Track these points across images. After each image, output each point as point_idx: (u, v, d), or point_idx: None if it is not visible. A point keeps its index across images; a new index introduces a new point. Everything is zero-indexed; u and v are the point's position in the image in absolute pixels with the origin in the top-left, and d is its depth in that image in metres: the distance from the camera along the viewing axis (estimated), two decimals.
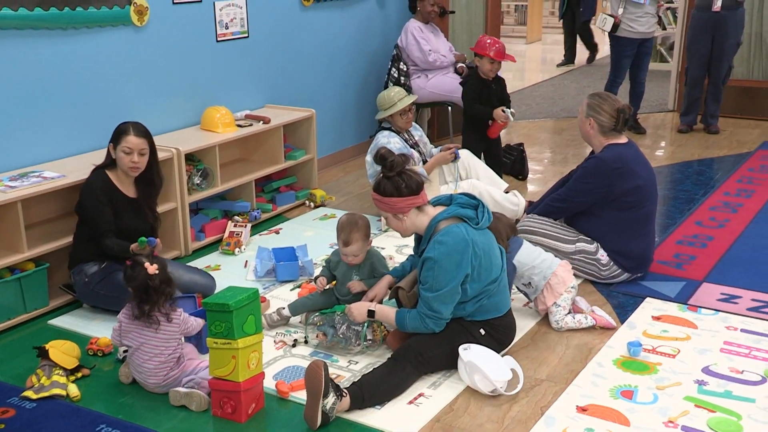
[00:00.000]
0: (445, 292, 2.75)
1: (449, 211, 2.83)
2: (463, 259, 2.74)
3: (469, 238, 2.75)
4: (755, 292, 3.50)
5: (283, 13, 5.04)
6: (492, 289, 2.86)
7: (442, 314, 2.80)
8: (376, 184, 2.88)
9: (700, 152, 5.87)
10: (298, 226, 4.53)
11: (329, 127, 5.58)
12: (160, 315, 2.75)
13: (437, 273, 2.74)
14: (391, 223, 2.92)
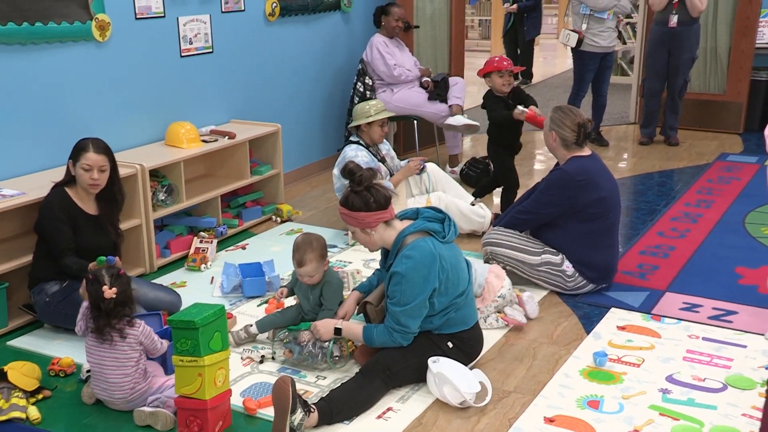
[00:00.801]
0: (412, 307, 2.76)
1: (416, 225, 2.83)
2: (431, 273, 2.74)
3: (436, 252, 2.76)
4: (716, 300, 3.56)
5: (248, 28, 5.03)
6: (459, 302, 2.87)
7: (410, 328, 2.80)
8: (343, 198, 2.88)
9: (661, 164, 5.97)
10: (264, 241, 4.51)
11: (295, 142, 5.57)
12: (114, 331, 2.70)
13: (405, 287, 2.75)
14: (358, 237, 2.92)
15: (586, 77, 6.41)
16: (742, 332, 3.26)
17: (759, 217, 4.65)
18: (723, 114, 6.82)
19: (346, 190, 2.88)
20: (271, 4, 5.15)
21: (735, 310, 3.45)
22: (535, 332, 3.34)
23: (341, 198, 2.90)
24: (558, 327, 3.38)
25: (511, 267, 3.68)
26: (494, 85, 4.67)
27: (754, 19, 6.50)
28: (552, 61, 12.64)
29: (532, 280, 3.70)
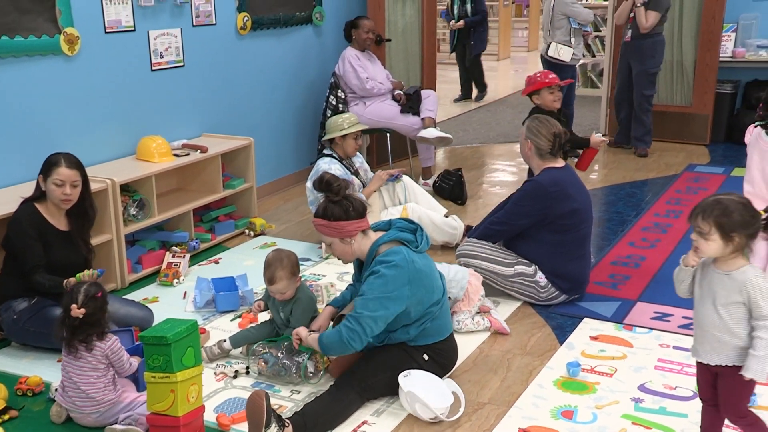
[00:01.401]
0: (373, 297, 2.72)
1: (389, 235, 2.85)
2: (407, 275, 2.75)
3: (410, 258, 2.77)
4: (686, 309, 3.60)
5: (220, 42, 5.02)
6: (435, 311, 2.88)
7: (361, 315, 2.72)
8: (321, 209, 2.86)
9: (631, 175, 6.05)
10: (238, 255, 4.48)
11: (268, 155, 5.56)
12: (79, 344, 2.67)
13: (374, 282, 2.73)
14: (336, 248, 2.90)
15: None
16: None
17: None
18: (690, 126, 6.94)
19: (324, 201, 2.87)
20: (243, 17, 5.14)
21: None
22: (509, 343, 3.36)
23: (318, 209, 2.89)
24: (532, 338, 3.40)
25: (485, 278, 3.69)
26: (544, 102, 4.44)
27: (717, 34, 6.64)
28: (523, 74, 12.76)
29: (505, 291, 3.72)
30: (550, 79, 4.45)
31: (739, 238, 2.19)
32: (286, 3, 5.54)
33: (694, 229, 2.24)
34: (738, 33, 6.95)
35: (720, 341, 2.26)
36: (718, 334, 2.26)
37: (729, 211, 2.19)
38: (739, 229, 2.18)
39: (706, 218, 2.20)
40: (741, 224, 2.18)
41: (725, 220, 2.18)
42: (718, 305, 2.25)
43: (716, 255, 2.23)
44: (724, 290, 2.24)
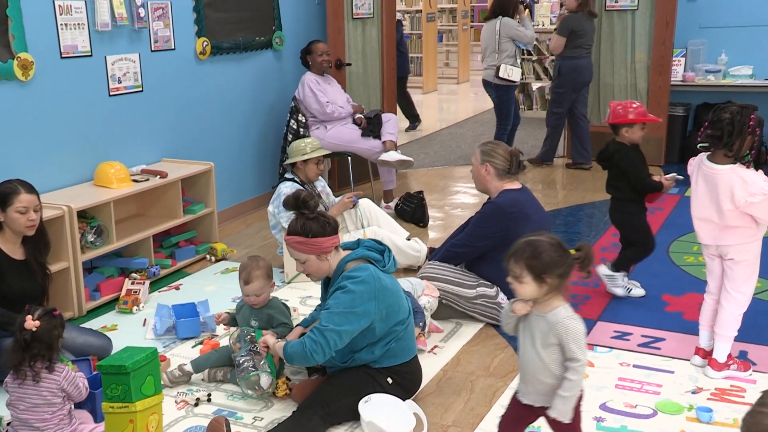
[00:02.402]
0: (339, 311, 2.73)
1: (357, 253, 2.88)
2: (374, 292, 2.76)
3: (376, 274, 2.80)
4: (645, 328, 3.67)
5: (179, 67, 5.00)
6: (400, 331, 2.89)
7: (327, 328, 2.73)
8: (299, 226, 2.85)
9: (590, 196, 6.15)
10: (199, 281, 4.44)
11: (229, 180, 5.53)
12: (29, 370, 2.59)
13: (340, 297, 2.75)
14: (312, 266, 2.88)
15: (511, 110, 6.92)
16: (670, 358, 3.36)
17: (682, 246, 4.83)
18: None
19: (300, 218, 2.86)
20: (202, 42, 5.14)
21: (662, 337, 3.56)
22: (473, 365, 3.37)
23: (294, 227, 2.87)
24: (495, 359, 3.42)
25: (447, 300, 3.71)
26: (633, 138, 3.95)
27: (668, 59, 6.83)
28: (483, 97, 12.94)
29: (468, 313, 3.74)
30: (651, 117, 4.08)
31: (551, 279, 2.17)
32: (246, 28, 5.55)
33: (509, 273, 2.23)
34: (687, 58, 7.17)
35: (542, 383, 2.24)
36: (539, 375, 2.24)
37: (538, 252, 2.17)
38: (550, 269, 2.16)
39: (518, 261, 2.20)
40: (551, 265, 2.16)
41: (535, 262, 2.16)
42: (537, 346, 2.22)
43: (532, 297, 2.21)
44: (540, 332, 2.22)
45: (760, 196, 2.87)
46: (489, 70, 6.79)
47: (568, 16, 6.71)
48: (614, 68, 7.12)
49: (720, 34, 7.09)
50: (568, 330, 2.18)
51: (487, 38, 6.78)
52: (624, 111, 3.93)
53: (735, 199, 2.90)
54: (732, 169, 2.93)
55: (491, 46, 6.73)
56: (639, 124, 3.94)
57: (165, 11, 4.81)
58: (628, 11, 6.95)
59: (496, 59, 6.72)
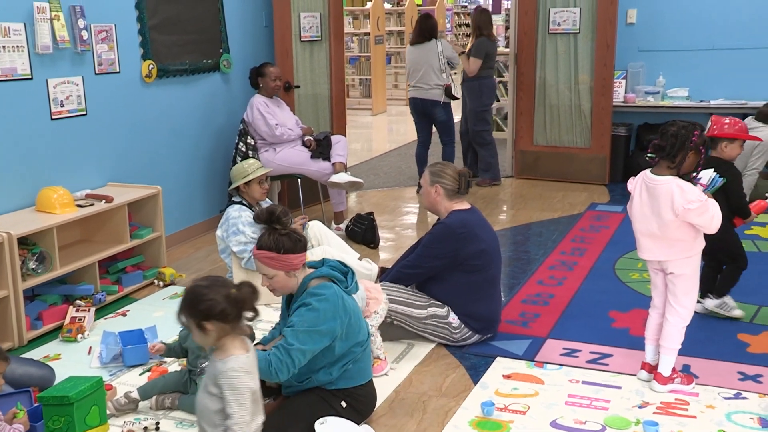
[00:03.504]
0: (304, 330, 2.72)
1: (321, 271, 2.89)
2: (333, 309, 2.76)
3: (339, 293, 2.81)
4: (593, 344, 3.73)
5: (124, 90, 4.93)
6: (358, 353, 2.89)
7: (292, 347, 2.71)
8: (272, 242, 2.81)
9: (537, 215, 6.25)
10: (146, 306, 4.35)
11: (177, 204, 5.45)
12: None
13: (304, 314, 2.74)
14: (279, 281, 2.86)
15: (454, 125, 7.12)
16: (617, 374, 3.42)
17: (627, 263, 4.94)
18: (589, 166, 7.27)
19: (271, 233, 2.83)
20: (148, 65, 5.08)
21: (610, 353, 3.62)
22: (425, 385, 3.37)
23: (265, 242, 2.83)
24: (446, 379, 3.43)
25: (399, 321, 3.71)
26: (732, 154, 3.89)
27: (610, 80, 7.03)
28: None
29: (419, 333, 3.75)
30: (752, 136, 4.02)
31: (211, 326, 2.19)
32: (193, 51, 5.51)
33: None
34: (628, 80, 7.38)
35: (203, 429, 2.24)
36: (201, 421, 2.23)
37: (196, 300, 2.20)
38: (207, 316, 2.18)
39: (182, 311, 2.22)
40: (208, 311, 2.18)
41: (193, 311, 2.19)
42: (203, 391, 2.23)
43: (204, 345, 2.24)
44: (209, 377, 2.23)
45: (697, 203, 2.99)
46: (436, 90, 6.88)
47: (482, 40, 7.08)
48: (559, 89, 7.29)
49: (657, 58, 7.34)
50: (230, 383, 2.17)
51: (429, 59, 6.87)
52: (728, 126, 3.88)
53: (674, 206, 3.01)
54: (672, 179, 3.05)
55: (435, 66, 6.85)
56: (739, 141, 3.87)
57: (109, 34, 4.75)
58: (570, 34, 7.13)
59: (443, 79, 6.85)
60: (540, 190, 7.08)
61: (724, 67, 7.11)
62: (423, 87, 6.89)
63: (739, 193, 3.86)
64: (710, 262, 4.00)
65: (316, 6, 6.37)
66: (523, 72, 7.39)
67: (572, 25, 7.10)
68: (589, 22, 7.02)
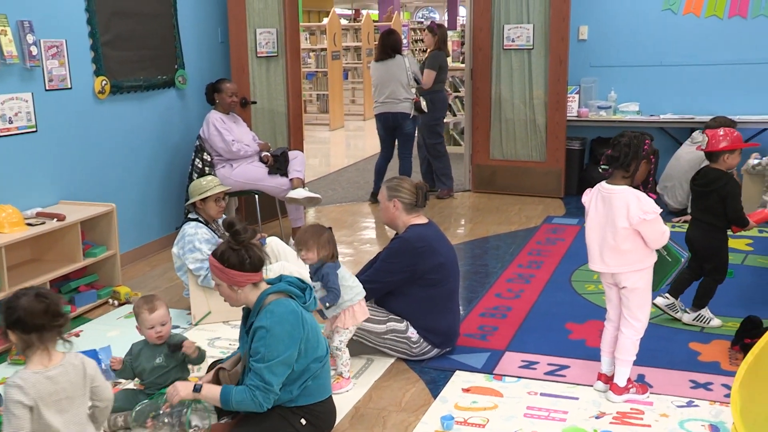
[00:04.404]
0: (277, 362, 2.72)
1: (278, 287, 2.87)
2: (295, 329, 2.75)
3: (298, 309, 2.79)
4: (550, 356, 3.77)
5: (76, 106, 4.85)
6: (317, 369, 2.87)
7: (273, 386, 2.74)
8: (220, 252, 2.84)
9: (495, 228, 6.31)
10: (101, 326, 4.27)
11: (132, 221, 5.37)
12: None
13: (270, 342, 2.72)
14: (223, 291, 2.89)
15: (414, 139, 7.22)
16: (575, 385, 3.46)
17: (583, 275, 5.01)
18: (545, 180, 7.38)
19: (225, 244, 2.85)
20: (101, 81, 5.01)
21: (567, 365, 3.66)
22: (384, 400, 3.36)
23: (216, 251, 2.86)
24: (406, 394, 3.43)
25: (358, 336, 3.70)
26: (732, 163, 3.94)
27: (563, 95, 7.16)
28: None
29: (378, 348, 3.74)
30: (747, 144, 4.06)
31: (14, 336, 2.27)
32: (148, 67, 5.45)
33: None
34: (581, 95, 7.53)
35: None
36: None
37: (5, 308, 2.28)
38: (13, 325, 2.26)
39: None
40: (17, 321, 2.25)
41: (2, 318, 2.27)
42: None
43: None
44: None
45: (653, 214, 3.06)
46: (405, 103, 6.96)
47: (436, 53, 7.22)
48: (514, 104, 7.39)
49: (609, 73, 7.51)
50: (5, 396, 2.22)
51: (397, 75, 6.94)
52: (724, 138, 3.89)
53: (630, 215, 3.08)
54: (629, 189, 3.13)
55: (403, 82, 6.93)
56: (738, 150, 3.91)
57: (60, 49, 4.67)
58: (524, 50, 7.25)
59: (412, 93, 6.97)
60: (497, 204, 7.15)
61: (672, 83, 7.31)
62: (392, 102, 6.95)
63: (736, 204, 3.91)
64: (691, 264, 4.08)
65: (272, 22, 6.37)
66: (478, 87, 7.49)
67: (526, 41, 7.22)
68: (543, 39, 7.15)
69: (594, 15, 7.44)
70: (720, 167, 3.95)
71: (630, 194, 3.11)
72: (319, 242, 3.46)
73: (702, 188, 4.02)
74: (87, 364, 2.38)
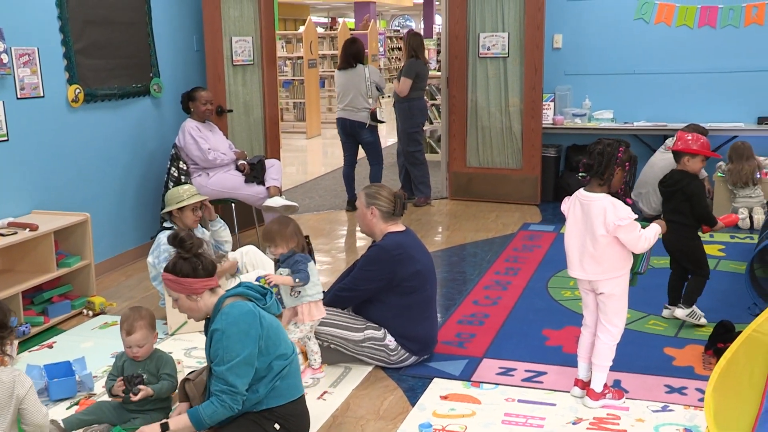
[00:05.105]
0: (238, 362, 2.70)
1: (235, 290, 2.87)
2: (251, 327, 2.74)
3: (255, 310, 2.78)
4: (528, 363, 3.78)
5: (49, 115, 4.80)
6: (282, 367, 2.83)
7: (238, 388, 2.72)
8: (171, 264, 2.85)
9: (472, 235, 6.34)
10: (75, 337, 4.22)
11: (107, 231, 5.32)
12: None
13: (226, 343, 2.71)
14: (183, 304, 2.87)
15: (380, 146, 7.31)
16: (552, 391, 3.48)
17: (559, 281, 5.05)
18: (522, 187, 7.42)
19: (175, 256, 2.86)
20: (74, 90, 4.96)
21: (544, 371, 3.68)
22: (363, 409, 3.36)
23: (168, 265, 2.87)
24: (384, 402, 3.42)
25: (336, 345, 3.70)
26: (693, 167, 4.10)
27: (539, 103, 7.22)
28: None
29: (356, 356, 3.74)
30: (713, 153, 4.21)
31: None
32: (122, 75, 5.41)
33: None
34: (556, 102, 7.60)
35: None
36: None
37: None
38: None
39: None
40: None
41: None
42: None
43: None
44: None
45: (627, 220, 3.10)
46: (363, 112, 7.04)
47: (413, 61, 7.25)
48: (490, 112, 7.44)
49: (583, 81, 7.59)
50: None
51: (357, 84, 7.03)
52: (692, 141, 4.07)
53: (606, 221, 3.11)
54: (605, 196, 3.16)
55: (362, 91, 7.00)
56: (700, 156, 4.07)
57: (32, 57, 4.62)
58: (499, 58, 7.31)
59: (370, 103, 7.03)
60: (474, 211, 7.18)
61: (645, 91, 7.40)
62: (352, 110, 7.05)
63: (701, 203, 4.05)
64: (676, 271, 4.24)
65: (248, 30, 6.36)
66: (455, 95, 7.53)
67: (501, 49, 7.27)
68: (518, 47, 7.21)
69: (568, 24, 7.53)
70: (684, 169, 4.10)
71: (606, 201, 3.14)
72: (285, 236, 3.55)
73: (668, 188, 4.15)
74: (19, 384, 2.35)
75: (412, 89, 7.19)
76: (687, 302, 4.16)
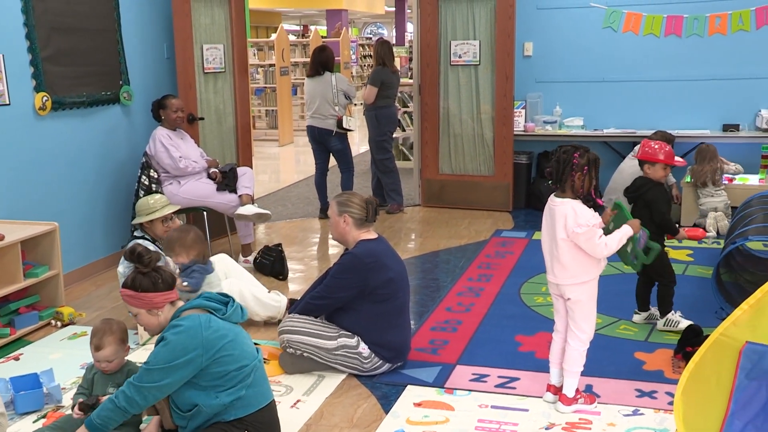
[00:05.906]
0: (159, 368, 2.66)
1: (192, 303, 2.84)
2: (197, 340, 2.67)
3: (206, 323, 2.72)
4: (501, 369, 3.80)
5: (16, 123, 4.73)
6: (243, 377, 2.78)
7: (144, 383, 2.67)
8: (130, 280, 2.82)
9: (445, 242, 6.36)
10: (42, 348, 4.15)
11: (76, 240, 5.25)
12: None
13: (161, 350, 2.68)
14: (143, 319, 2.84)
15: (350, 154, 7.28)
16: (525, 396, 3.50)
17: (532, 287, 5.08)
18: (494, 194, 7.47)
19: (133, 272, 2.83)
20: (42, 98, 4.90)
21: (517, 377, 3.70)
22: (336, 417, 3.35)
23: (126, 280, 2.84)
24: (358, 410, 3.42)
25: (309, 353, 3.68)
26: (655, 175, 4.14)
27: (510, 110, 7.28)
28: None
29: (329, 364, 3.73)
30: (678, 161, 4.25)
31: None
32: (91, 83, 5.36)
33: None
34: (527, 110, 7.67)
35: None
36: None
37: None
38: None
39: None
40: None
41: None
42: None
43: None
44: None
45: (585, 227, 3.13)
46: (331, 120, 7.04)
47: (378, 69, 7.29)
48: (462, 119, 7.48)
49: (554, 88, 7.66)
50: None
51: (323, 92, 7.02)
52: (653, 151, 4.13)
53: (566, 227, 3.16)
54: (569, 201, 3.19)
55: (329, 98, 7.00)
56: (660, 165, 4.12)
57: None
58: (471, 66, 7.36)
59: (336, 111, 7.04)
60: (446, 218, 7.21)
61: (614, 98, 7.50)
62: (319, 117, 7.05)
63: (661, 210, 4.08)
64: (642, 276, 4.29)
65: (219, 38, 6.33)
66: (426, 102, 7.56)
67: (473, 57, 7.32)
68: (489, 55, 7.27)
69: (538, 32, 7.60)
70: (648, 176, 4.15)
71: (568, 207, 3.17)
72: (186, 244, 3.56)
73: (631, 195, 4.22)
74: None
75: (379, 97, 7.20)
76: (662, 313, 4.23)
